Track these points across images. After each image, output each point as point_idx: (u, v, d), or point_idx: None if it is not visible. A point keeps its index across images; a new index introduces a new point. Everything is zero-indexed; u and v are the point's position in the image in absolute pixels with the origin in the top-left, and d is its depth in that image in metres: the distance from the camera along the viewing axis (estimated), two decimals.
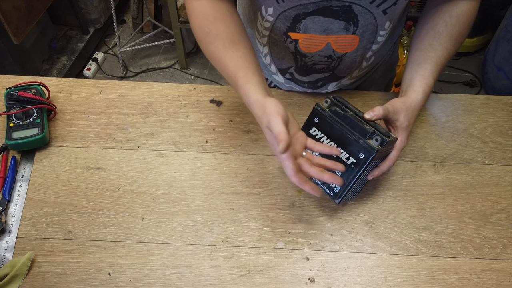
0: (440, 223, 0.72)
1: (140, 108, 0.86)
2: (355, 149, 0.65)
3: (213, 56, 0.70)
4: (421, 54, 0.74)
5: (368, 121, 0.66)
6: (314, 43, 0.76)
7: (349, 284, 0.66)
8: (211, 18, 0.69)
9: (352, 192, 0.69)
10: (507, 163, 0.80)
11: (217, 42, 0.68)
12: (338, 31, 0.73)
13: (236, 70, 0.66)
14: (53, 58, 2.26)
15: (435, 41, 0.73)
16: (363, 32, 0.74)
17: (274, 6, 0.72)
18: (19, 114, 0.79)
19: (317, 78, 0.85)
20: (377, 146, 0.63)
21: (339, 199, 0.68)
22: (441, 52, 0.72)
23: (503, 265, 0.68)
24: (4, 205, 0.72)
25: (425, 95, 0.71)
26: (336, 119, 0.67)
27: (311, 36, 0.75)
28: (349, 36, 0.74)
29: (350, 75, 0.85)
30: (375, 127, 0.65)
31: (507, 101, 0.89)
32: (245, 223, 0.72)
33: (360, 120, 0.66)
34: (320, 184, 0.69)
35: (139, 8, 2.44)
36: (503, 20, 2.05)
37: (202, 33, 0.70)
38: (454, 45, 0.73)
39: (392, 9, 0.71)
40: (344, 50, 0.77)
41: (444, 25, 0.73)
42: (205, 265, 0.68)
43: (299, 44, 0.77)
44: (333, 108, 0.68)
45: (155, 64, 2.43)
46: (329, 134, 0.68)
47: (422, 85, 0.71)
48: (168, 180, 0.77)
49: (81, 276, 0.66)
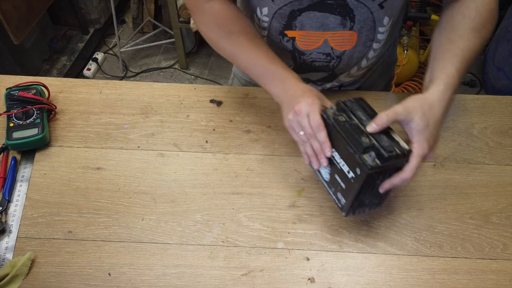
0: (440, 223, 0.72)
1: (140, 108, 0.86)
2: (353, 163, 0.60)
3: (238, 51, 0.72)
4: (439, 50, 0.68)
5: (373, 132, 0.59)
6: (311, 40, 0.76)
7: (349, 284, 0.66)
8: (229, 17, 0.72)
9: (360, 206, 0.65)
10: (507, 163, 0.80)
11: (241, 37, 0.71)
12: (334, 27, 0.73)
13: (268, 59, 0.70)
14: (53, 58, 2.26)
15: (453, 34, 0.67)
16: (361, 28, 0.73)
17: (268, 5, 0.73)
18: (19, 114, 0.79)
19: (317, 77, 0.85)
20: (372, 162, 0.57)
21: (345, 212, 0.66)
22: (462, 44, 0.66)
23: (503, 265, 0.68)
24: (4, 205, 0.72)
25: (447, 86, 0.62)
26: (337, 128, 0.61)
27: (307, 33, 0.74)
28: (347, 32, 0.73)
29: (348, 72, 0.84)
30: (378, 139, 0.59)
31: (507, 101, 0.89)
32: (245, 223, 0.72)
33: (362, 130, 0.60)
34: (331, 193, 0.68)
35: (139, 8, 2.44)
36: (503, 20, 2.05)
37: (222, 32, 0.72)
38: (477, 36, 0.67)
39: (389, 3, 0.70)
40: (342, 47, 0.76)
41: (461, 18, 0.68)
42: (205, 265, 0.68)
43: (296, 42, 0.77)
44: (339, 115, 0.62)
45: (155, 64, 2.43)
46: (333, 144, 0.63)
47: (441, 77, 0.63)
48: (168, 180, 0.77)
49: (81, 276, 0.66)
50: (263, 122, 0.85)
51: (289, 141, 0.82)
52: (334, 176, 0.66)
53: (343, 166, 0.62)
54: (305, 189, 0.76)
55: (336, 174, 0.65)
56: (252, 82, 0.95)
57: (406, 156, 0.59)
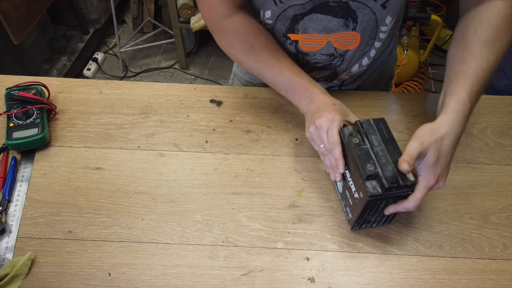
0: (440, 223, 0.72)
1: (140, 108, 0.86)
2: (358, 186, 0.63)
3: (263, 69, 0.73)
4: (452, 71, 0.65)
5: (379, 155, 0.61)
6: (314, 42, 0.76)
7: (349, 284, 0.66)
8: (250, 32, 0.73)
9: (367, 222, 0.68)
10: (507, 163, 0.80)
11: (265, 53, 0.72)
12: (337, 29, 0.73)
13: (294, 74, 0.71)
14: (53, 58, 2.26)
15: (465, 52, 0.64)
16: (363, 29, 0.73)
17: (271, 8, 0.73)
18: (19, 114, 0.79)
19: (320, 76, 0.85)
20: (373, 190, 0.59)
21: (351, 226, 0.70)
22: (475, 63, 0.63)
23: (503, 265, 0.68)
24: (4, 205, 0.72)
25: (458, 115, 0.60)
26: (350, 150, 0.63)
27: (310, 36, 0.75)
28: (350, 33, 0.73)
29: (349, 71, 0.84)
30: (383, 168, 0.59)
31: (507, 101, 0.89)
32: (245, 223, 0.72)
33: (371, 156, 0.61)
34: (342, 205, 0.72)
35: (139, 8, 2.44)
36: None
37: (245, 47, 0.73)
38: (491, 52, 0.63)
39: (391, 2, 0.69)
40: (345, 47, 0.76)
41: (473, 32, 0.64)
42: (205, 265, 0.68)
43: (299, 44, 0.77)
44: (354, 136, 0.63)
45: (155, 64, 2.43)
46: (347, 162, 0.65)
47: (452, 104, 0.61)
48: (168, 180, 0.77)
49: (81, 276, 0.66)
50: (263, 122, 0.85)
51: (289, 141, 0.82)
52: (345, 191, 0.69)
53: (351, 185, 0.65)
54: (305, 189, 0.76)
55: (346, 190, 0.69)
56: (253, 82, 0.95)
57: (409, 187, 0.60)
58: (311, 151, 0.80)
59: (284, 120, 0.85)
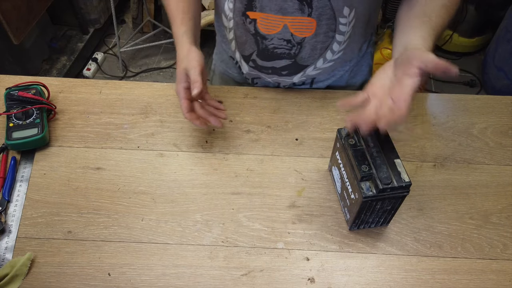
0: (440, 223, 0.72)
1: (140, 108, 0.86)
2: (354, 187, 0.63)
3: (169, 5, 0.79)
4: (415, 20, 0.67)
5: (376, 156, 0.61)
6: (271, 24, 0.78)
7: (349, 284, 0.66)
8: None
9: (365, 223, 0.68)
10: (507, 163, 0.80)
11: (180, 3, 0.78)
12: (293, 12, 0.74)
13: (177, 12, 0.77)
14: (53, 58, 2.26)
15: (427, 8, 0.68)
16: (319, 15, 0.74)
17: None
18: (19, 114, 0.79)
19: (281, 65, 0.85)
20: (367, 191, 0.59)
21: (349, 226, 0.70)
22: (436, 19, 0.67)
23: (504, 265, 0.68)
24: (4, 205, 0.72)
25: None
26: (346, 151, 0.64)
27: (267, 16, 0.76)
28: (305, 19, 0.75)
29: (314, 65, 0.85)
30: (378, 169, 0.60)
31: (507, 101, 0.89)
32: (245, 223, 0.72)
33: (366, 157, 0.61)
34: (341, 205, 0.72)
35: (139, 8, 2.44)
36: (503, 20, 2.05)
37: None
38: (447, 14, 0.68)
39: None
40: (302, 33, 0.78)
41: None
42: (205, 265, 0.68)
43: (257, 24, 0.79)
44: (350, 137, 0.64)
45: (155, 64, 2.43)
46: (344, 164, 0.66)
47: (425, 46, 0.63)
48: (168, 180, 0.76)
49: (81, 276, 0.66)
50: (263, 122, 0.85)
51: (289, 141, 0.82)
52: (343, 192, 0.70)
53: (348, 186, 0.66)
54: (305, 189, 0.76)
55: (344, 191, 0.69)
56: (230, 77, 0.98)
57: (404, 188, 0.60)
58: (311, 151, 0.80)
59: (284, 120, 0.85)
